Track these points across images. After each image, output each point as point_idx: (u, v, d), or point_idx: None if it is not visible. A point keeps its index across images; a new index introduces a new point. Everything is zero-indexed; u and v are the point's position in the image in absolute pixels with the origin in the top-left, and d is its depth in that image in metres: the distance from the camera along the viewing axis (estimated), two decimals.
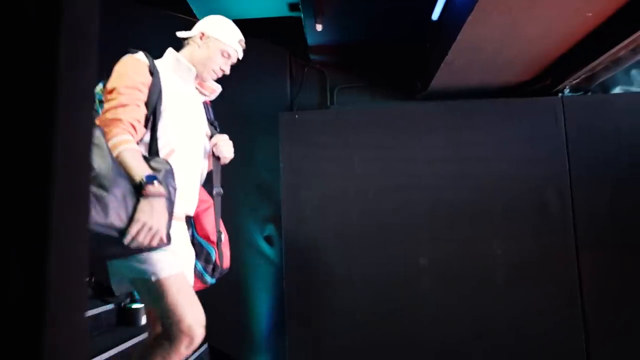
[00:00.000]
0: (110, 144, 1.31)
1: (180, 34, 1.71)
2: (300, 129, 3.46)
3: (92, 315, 2.88)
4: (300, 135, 3.44)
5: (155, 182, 1.31)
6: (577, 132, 3.26)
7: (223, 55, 1.68)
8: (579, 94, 3.47)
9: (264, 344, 3.54)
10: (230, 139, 3.72)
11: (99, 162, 1.21)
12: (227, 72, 1.72)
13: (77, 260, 0.51)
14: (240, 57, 1.75)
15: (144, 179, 1.29)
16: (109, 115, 1.39)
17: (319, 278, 3.34)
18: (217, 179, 1.79)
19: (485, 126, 3.36)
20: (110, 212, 1.21)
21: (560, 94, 3.39)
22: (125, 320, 3.26)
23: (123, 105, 1.40)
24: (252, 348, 3.55)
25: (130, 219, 1.26)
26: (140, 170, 1.32)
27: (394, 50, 3.52)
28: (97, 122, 1.39)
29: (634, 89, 3.53)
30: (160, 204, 1.31)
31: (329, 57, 3.62)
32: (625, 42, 2.54)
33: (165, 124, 1.51)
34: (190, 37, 1.68)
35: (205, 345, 3.50)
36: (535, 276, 3.15)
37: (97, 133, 1.27)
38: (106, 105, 1.42)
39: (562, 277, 3.14)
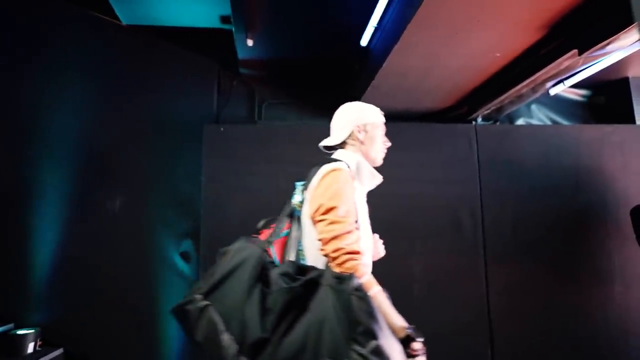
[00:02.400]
0: (362, 283, 1.15)
1: (330, 142, 1.59)
2: (225, 142, 3.34)
3: None
4: (224, 149, 3.32)
5: (418, 338, 1.16)
6: (488, 156, 3.54)
7: (382, 134, 1.61)
8: (489, 122, 3.79)
9: None
10: (150, 149, 3.49)
11: (369, 324, 1.03)
12: (389, 144, 1.64)
13: None
14: None
15: (411, 335, 1.16)
16: (339, 244, 1.21)
17: None
18: None
19: (408, 148, 3.51)
20: None
21: (474, 122, 3.67)
22: (8, 349, 2.86)
23: (349, 232, 1.24)
24: None
25: None
26: (398, 320, 1.19)
27: (324, 70, 3.57)
28: (327, 250, 1.20)
29: (534, 121, 3.95)
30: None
31: (259, 71, 3.57)
32: (526, 81, 2.85)
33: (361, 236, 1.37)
34: (346, 138, 1.57)
35: None
36: (449, 291, 3.33)
37: (355, 282, 1.09)
38: (327, 229, 1.24)
39: (472, 291, 3.35)
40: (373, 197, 3.39)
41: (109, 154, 3.42)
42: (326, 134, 3.46)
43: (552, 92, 3.29)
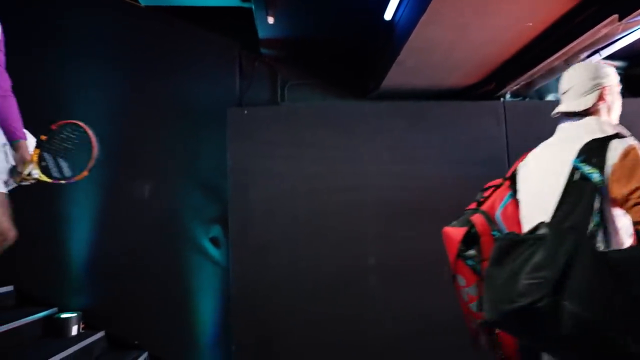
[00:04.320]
0: None
1: (575, 108, 1.50)
2: (249, 125, 3.33)
3: (12, 329, 2.58)
4: (248, 132, 3.31)
5: None
6: (516, 135, 3.42)
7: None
8: (518, 99, 3.65)
9: (209, 350, 3.37)
10: (176, 134, 3.50)
11: None
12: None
13: None
14: None
15: None
16: None
17: (266, 280, 3.23)
18: None
19: (433, 127, 3.43)
20: None
21: (502, 99, 3.55)
22: (54, 331, 2.98)
23: None
24: (196, 354, 3.37)
25: None
26: None
27: (347, 48, 3.50)
28: None
29: None
30: None
31: (281, 51, 3.52)
32: (559, 53, 2.72)
33: None
34: (594, 103, 1.47)
35: (145, 354, 3.28)
36: None
37: None
38: None
39: None
40: (396, 178, 3.35)
41: (134, 140, 3.45)
42: (351, 114, 3.42)
43: None
